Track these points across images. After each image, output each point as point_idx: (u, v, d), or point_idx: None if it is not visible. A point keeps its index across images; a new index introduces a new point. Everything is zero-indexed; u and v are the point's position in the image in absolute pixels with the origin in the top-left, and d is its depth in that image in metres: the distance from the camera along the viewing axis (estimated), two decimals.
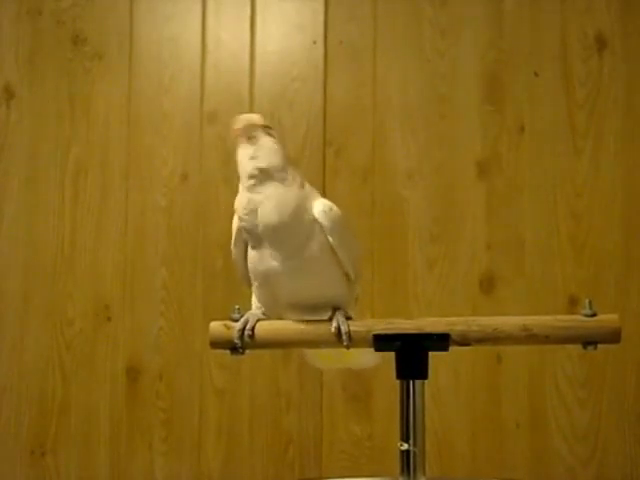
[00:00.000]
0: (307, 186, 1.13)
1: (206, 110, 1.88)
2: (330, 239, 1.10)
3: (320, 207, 1.11)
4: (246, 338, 1.09)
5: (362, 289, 1.22)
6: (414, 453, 1.05)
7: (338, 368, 1.43)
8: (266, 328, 1.10)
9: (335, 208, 1.12)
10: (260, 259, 1.11)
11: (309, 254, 1.09)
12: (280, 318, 1.14)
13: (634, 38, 1.82)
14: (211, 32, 1.90)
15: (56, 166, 1.90)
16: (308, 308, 1.12)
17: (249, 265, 1.13)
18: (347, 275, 1.14)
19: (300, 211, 1.09)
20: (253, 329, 1.09)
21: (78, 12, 1.92)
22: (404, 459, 1.05)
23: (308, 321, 1.11)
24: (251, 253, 1.12)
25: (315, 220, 1.10)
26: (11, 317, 1.87)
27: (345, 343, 1.07)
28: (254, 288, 1.15)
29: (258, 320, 1.10)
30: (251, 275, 1.14)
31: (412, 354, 1.06)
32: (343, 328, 1.07)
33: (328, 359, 1.26)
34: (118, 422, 1.84)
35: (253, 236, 1.11)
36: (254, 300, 1.15)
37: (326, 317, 1.11)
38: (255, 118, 1.15)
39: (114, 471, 1.83)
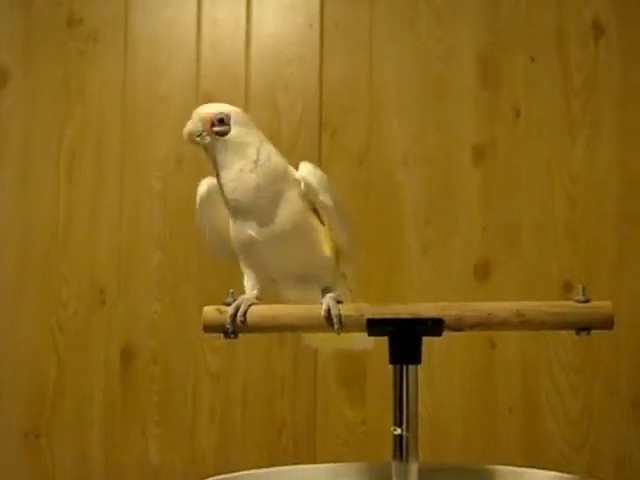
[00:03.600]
0: (275, 157, 1.13)
1: (202, 93, 1.88)
2: (321, 198, 1.11)
3: (306, 168, 1.12)
4: (238, 323, 1.09)
5: (356, 273, 1.22)
6: (407, 438, 1.05)
7: (336, 348, 1.43)
8: (258, 312, 1.10)
9: (319, 169, 1.13)
10: (240, 230, 1.12)
11: (284, 224, 1.10)
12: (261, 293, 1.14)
13: (631, 24, 1.81)
14: (207, 14, 1.89)
15: (51, 149, 1.89)
16: (297, 280, 1.13)
17: (232, 237, 1.14)
18: (338, 247, 1.15)
19: (267, 184, 1.09)
20: (245, 314, 1.09)
21: None
22: (397, 444, 1.05)
23: (300, 305, 1.11)
24: (232, 225, 1.13)
25: (298, 182, 1.11)
26: (5, 300, 1.87)
27: (336, 327, 1.07)
28: (242, 265, 1.15)
29: (251, 305, 1.10)
30: (235, 248, 1.14)
31: (405, 339, 1.06)
32: (333, 311, 1.07)
33: (324, 339, 1.26)
34: (112, 405, 1.84)
35: (229, 209, 1.12)
36: (246, 282, 1.15)
37: (317, 294, 1.11)
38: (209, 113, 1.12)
39: (108, 454, 1.83)
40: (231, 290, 1.13)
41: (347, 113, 1.85)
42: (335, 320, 1.07)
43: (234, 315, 1.09)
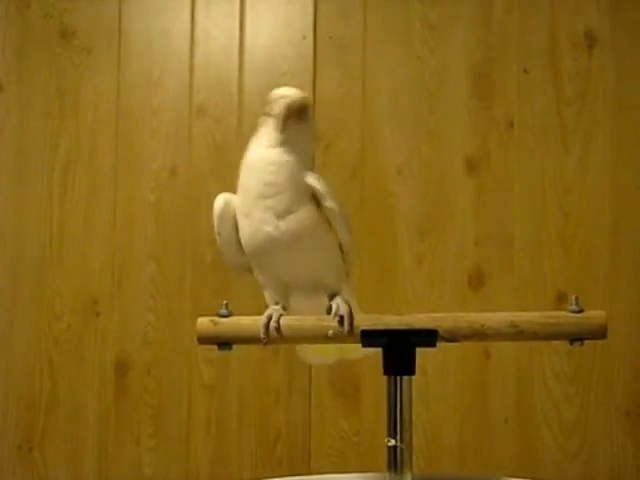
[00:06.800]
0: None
1: (195, 104, 1.88)
2: (328, 204, 1.12)
3: (311, 176, 1.13)
4: (272, 331, 1.09)
5: (355, 273, 1.22)
6: (401, 449, 1.05)
7: (330, 361, 1.42)
8: (286, 323, 1.10)
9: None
10: (255, 228, 1.11)
11: (302, 222, 1.10)
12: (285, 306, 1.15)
13: (623, 35, 1.82)
14: (200, 26, 1.90)
15: (44, 161, 1.89)
16: (308, 291, 1.13)
17: (243, 240, 1.14)
18: (341, 249, 1.16)
19: (287, 171, 1.12)
20: (278, 322, 1.09)
21: (66, 5, 1.91)
22: (391, 455, 1.05)
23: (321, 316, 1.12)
24: (243, 223, 1.13)
25: (308, 187, 1.12)
26: None
27: (346, 328, 1.07)
28: (257, 275, 1.16)
29: (281, 315, 1.10)
30: (248, 253, 1.14)
31: (399, 350, 1.06)
32: (343, 307, 1.08)
33: (319, 352, 1.26)
34: (106, 417, 1.83)
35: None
36: (268, 298, 1.15)
37: (325, 301, 1.12)
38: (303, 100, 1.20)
39: (102, 466, 1.82)
40: (225, 301, 1.13)
41: (340, 125, 1.85)
42: (346, 322, 1.07)
43: (267, 324, 1.09)
